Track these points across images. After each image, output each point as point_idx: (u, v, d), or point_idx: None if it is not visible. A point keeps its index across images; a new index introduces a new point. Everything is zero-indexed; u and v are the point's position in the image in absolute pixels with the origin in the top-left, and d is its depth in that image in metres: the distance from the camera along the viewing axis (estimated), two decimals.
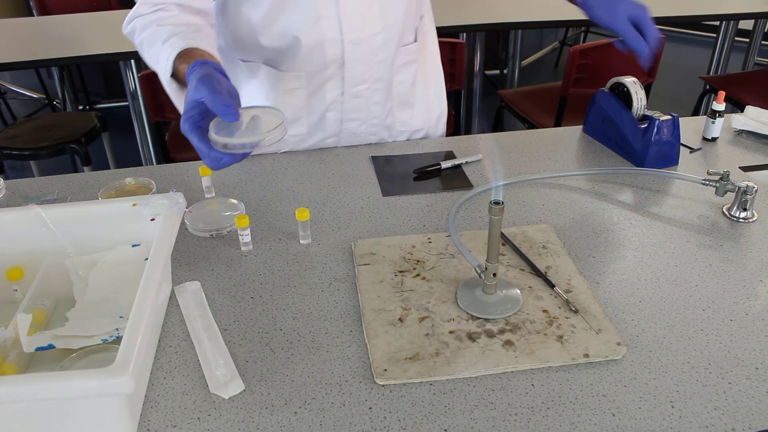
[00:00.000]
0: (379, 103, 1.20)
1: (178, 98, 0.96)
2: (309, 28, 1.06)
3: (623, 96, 1.16)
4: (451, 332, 0.75)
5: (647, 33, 1.04)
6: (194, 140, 0.78)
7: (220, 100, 0.77)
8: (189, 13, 1.01)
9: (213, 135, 0.76)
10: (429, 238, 0.93)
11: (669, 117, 1.11)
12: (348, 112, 1.18)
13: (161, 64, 0.93)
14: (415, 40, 1.21)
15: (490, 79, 4.04)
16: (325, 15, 1.06)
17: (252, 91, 1.17)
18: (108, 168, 1.49)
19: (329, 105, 1.17)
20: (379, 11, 1.09)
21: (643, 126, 1.12)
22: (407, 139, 1.28)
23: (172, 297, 0.83)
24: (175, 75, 0.93)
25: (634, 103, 1.13)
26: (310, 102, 1.16)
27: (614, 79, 1.18)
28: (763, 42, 3.35)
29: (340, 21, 1.06)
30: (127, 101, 2.49)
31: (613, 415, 0.65)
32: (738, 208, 0.98)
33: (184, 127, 0.79)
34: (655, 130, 1.10)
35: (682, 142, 1.21)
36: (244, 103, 0.82)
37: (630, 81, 1.15)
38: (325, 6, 1.05)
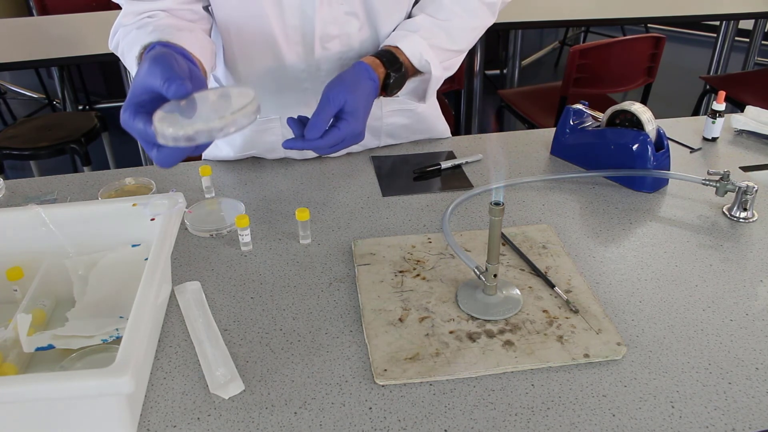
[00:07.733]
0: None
1: None
2: (284, 68, 1.03)
3: (632, 124, 1.06)
4: (451, 332, 0.75)
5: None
6: (138, 127, 0.67)
7: (170, 75, 0.67)
8: (178, 19, 0.95)
9: (157, 123, 0.64)
10: (429, 238, 0.93)
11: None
12: None
13: (128, 60, 0.86)
14: None
15: (490, 79, 4.05)
16: (303, 60, 1.02)
17: None
18: (108, 168, 1.49)
19: None
20: (357, 56, 1.04)
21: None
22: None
23: (172, 297, 0.82)
24: None
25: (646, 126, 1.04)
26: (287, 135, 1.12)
27: (618, 108, 1.07)
28: (763, 42, 3.35)
29: (318, 64, 1.04)
30: None
31: (613, 415, 0.65)
32: (738, 208, 0.98)
33: (124, 117, 0.68)
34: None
35: (682, 142, 1.21)
36: None
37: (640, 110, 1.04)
38: (298, 51, 1.01)
